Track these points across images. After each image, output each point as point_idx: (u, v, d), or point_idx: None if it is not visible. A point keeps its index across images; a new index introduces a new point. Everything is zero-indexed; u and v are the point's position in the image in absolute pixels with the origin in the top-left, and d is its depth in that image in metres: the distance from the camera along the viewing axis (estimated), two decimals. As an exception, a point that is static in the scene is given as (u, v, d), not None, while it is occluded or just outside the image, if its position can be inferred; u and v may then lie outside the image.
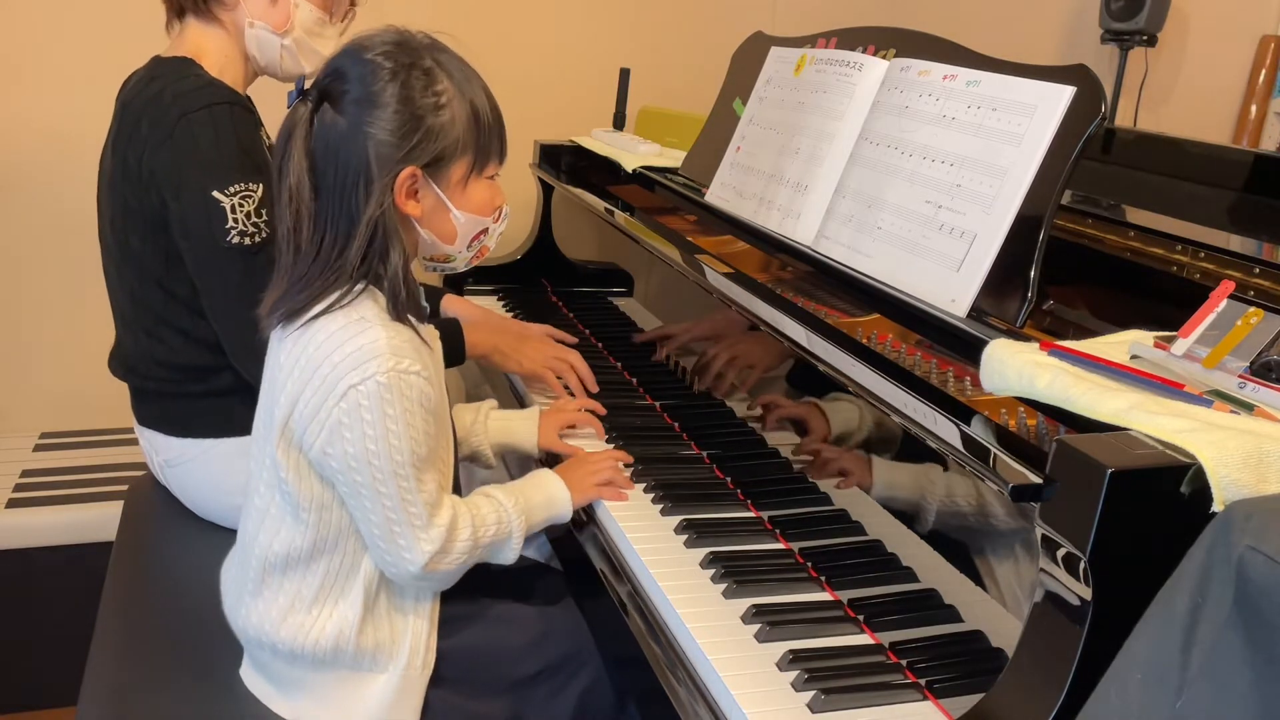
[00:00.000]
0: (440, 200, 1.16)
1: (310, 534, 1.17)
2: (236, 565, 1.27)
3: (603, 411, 1.54)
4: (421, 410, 1.12)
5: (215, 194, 1.41)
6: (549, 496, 1.31)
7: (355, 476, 1.11)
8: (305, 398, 1.11)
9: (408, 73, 1.12)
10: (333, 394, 1.09)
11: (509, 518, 1.24)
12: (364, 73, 1.11)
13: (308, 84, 1.15)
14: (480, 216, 1.20)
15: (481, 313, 1.87)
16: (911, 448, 1.10)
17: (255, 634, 1.21)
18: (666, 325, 1.76)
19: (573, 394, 1.63)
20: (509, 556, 1.26)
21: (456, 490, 1.29)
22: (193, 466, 1.58)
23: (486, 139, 1.17)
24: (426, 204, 1.16)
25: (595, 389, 1.65)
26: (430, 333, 1.22)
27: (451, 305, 1.84)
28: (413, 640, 1.21)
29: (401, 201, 1.13)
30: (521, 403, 1.71)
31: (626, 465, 1.42)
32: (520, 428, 1.48)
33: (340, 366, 1.09)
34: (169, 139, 1.42)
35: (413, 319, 1.15)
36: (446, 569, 1.19)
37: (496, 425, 1.47)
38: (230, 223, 1.41)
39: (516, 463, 1.64)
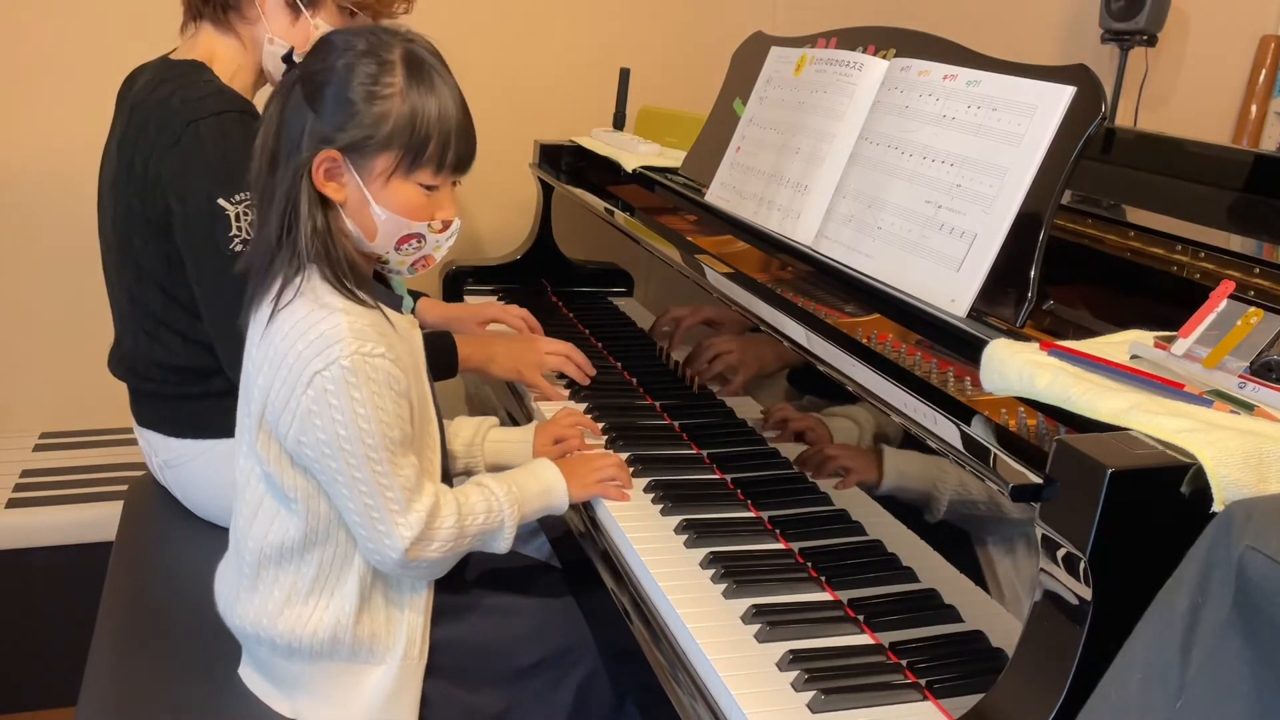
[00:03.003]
0: (361, 191, 1.14)
1: (301, 524, 1.17)
2: (229, 564, 1.27)
3: (596, 429, 1.52)
4: (391, 393, 1.12)
5: (220, 201, 1.40)
6: (545, 485, 1.30)
7: (330, 463, 1.11)
8: (275, 389, 1.12)
9: (364, 58, 1.11)
10: (299, 382, 1.10)
11: (499, 505, 1.23)
12: (329, 50, 1.13)
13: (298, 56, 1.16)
14: (404, 219, 1.16)
15: (453, 311, 1.88)
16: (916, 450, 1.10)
17: (253, 629, 1.21)
18: (674, 311, 1.76)
19: (573, 386, 1.64)
20: (501, 546, 1.26)
21: (448, 481, 1.29)
22: (191, 467, 1.58)
23: (421, 142, 1.13)
24: (349, 192, 1.14)
25: (592, 372, 1.66)
26: (406, 320, 1.22)
27: (424, 308, 1.85)
28: (409, 630, 1.21)
29: (320, 182, 1.12)
30: (521, 400, 1.71)
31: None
32: (516, 450, 1.47)
33: (304, 355, 1.10)
34: (176, 144, 1.42)
35: (366, 296, 1.15)
36: (431, 557, 1.17)
37: (493, 448, 1.46)
38: (234, 230, 1.41)
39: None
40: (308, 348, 1.10)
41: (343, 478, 1.12)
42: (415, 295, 1.90)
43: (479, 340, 1.71)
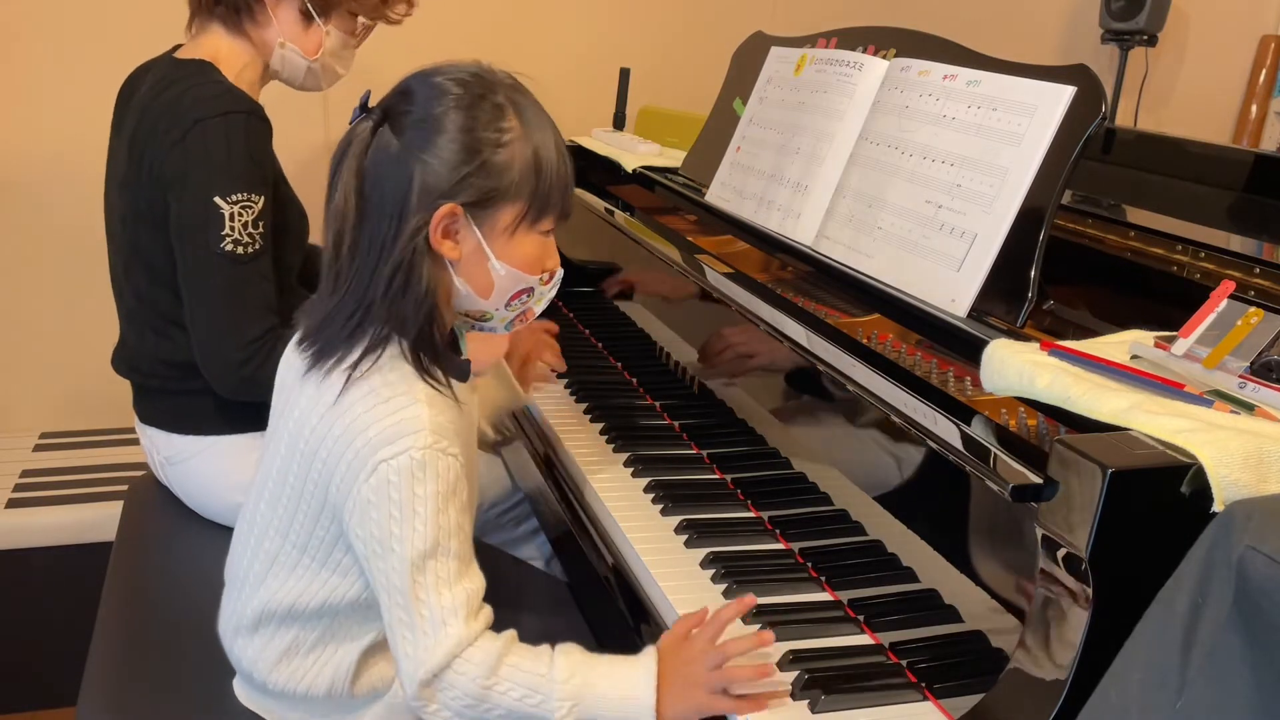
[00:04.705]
0: (480, 246, 1.05)
1: (320, 596, 1.11)
2: (231, 590, 1.21)
3: (555, 329, 1.54)
4: (457, 500, 1.03)
5: (217, 199, 1.41)
6: (623, 693, 1.02)
7: (377, 564, 1.01)
8: (340, 472, 1.03)
9: (475, 102, 1.03)
10: (364, 468, 1.01)
11: (549, 693, 1.01)
12: (429, 95, 1.03)
13: (373, 101, 1.07)
14: (523, 273, 1.08)
15: None
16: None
17: (248, 668, 1.17)
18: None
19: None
20: None
21: None
22: (193, 464, 1.58)
23: (546, 189, 1.05)
24: (466, 248, 1.05)
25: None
26: (467, 388, 1.12)
27: None
28: None
29: (437, 241, 1.02)
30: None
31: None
32: (502, 396, 1.47)
33: (374, 441, 1.00)
34: (181, 143, 1.43)
35: (441, 374, 1.05)
36: (447, 702, 1.01)
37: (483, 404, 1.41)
38: (226, 229, 1.41)
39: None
40: (380, 434, 1.00)
41: (383, 580, 1.01)
42: None
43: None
